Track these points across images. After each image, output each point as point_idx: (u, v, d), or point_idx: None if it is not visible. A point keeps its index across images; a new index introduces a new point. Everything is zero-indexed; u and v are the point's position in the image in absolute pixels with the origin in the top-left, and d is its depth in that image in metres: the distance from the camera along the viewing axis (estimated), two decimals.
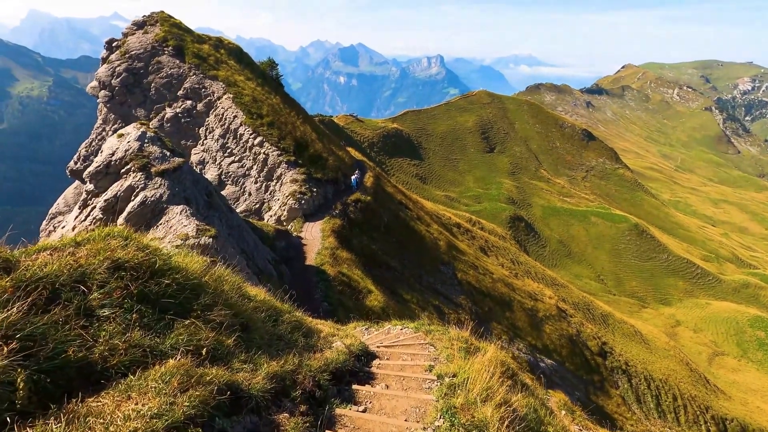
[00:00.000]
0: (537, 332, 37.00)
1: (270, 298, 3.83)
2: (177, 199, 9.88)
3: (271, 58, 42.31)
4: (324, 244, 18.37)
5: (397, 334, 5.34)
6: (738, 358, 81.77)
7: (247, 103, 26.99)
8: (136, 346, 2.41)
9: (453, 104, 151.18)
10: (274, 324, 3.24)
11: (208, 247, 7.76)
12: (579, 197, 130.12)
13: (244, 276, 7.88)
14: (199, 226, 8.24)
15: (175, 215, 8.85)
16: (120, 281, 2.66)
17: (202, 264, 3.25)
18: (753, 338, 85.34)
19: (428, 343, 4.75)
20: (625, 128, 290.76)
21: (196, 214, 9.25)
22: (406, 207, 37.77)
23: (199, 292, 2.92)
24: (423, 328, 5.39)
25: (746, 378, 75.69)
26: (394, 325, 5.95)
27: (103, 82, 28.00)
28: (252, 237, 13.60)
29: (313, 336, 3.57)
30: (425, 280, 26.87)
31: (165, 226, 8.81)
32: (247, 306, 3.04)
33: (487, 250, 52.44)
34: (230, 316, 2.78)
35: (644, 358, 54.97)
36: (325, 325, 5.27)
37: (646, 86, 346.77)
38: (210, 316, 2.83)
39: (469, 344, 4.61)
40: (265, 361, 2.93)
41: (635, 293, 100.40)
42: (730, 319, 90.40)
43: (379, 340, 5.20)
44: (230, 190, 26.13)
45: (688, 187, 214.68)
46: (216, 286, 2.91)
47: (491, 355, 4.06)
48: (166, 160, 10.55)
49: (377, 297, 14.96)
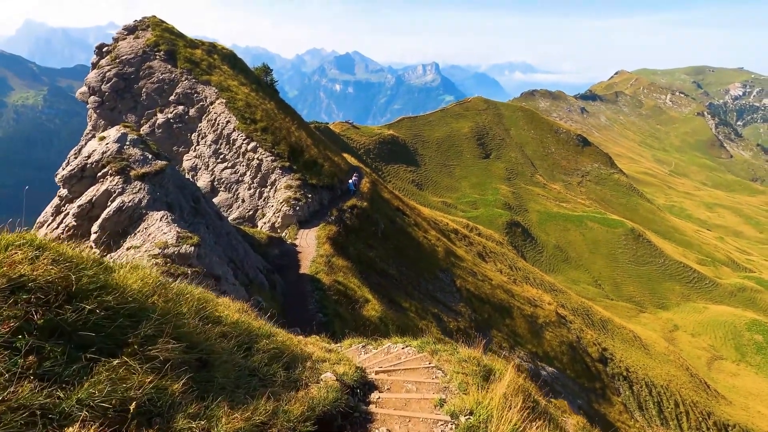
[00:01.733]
0: (537, 339, 36.39)
1: (246, 318, 3.17)
2: (158, 204, 9.28)
3: (265, 64, 41.93)
4: (319, 252, 17.76)
5: (398, 354, 4.72)
6: (737, 362, 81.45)
7: (240, 108, 26.48)
8: (20, 408, 1.65)
9: (449, 111, 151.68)
10: (246, 355, 2.60)
11: (189, 256, 7.17)
12: (575, 202, 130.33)
13: (229, 288, 7.28)
14: (180, 233, 7.64)
15: (155, 222, 8.22)
16: (15, 308, 1.91)
17: (152, 280, 2.54)
18: (751, 342, 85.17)
19: (435, 367, 4.11)
20: (619, 133, 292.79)
21: (179, 220, 8.64)
22: (403, 213, 37.24)
23: (141, 319, 2.21)
24: (428, 347, 4.74)
25: (745, 382, 75.25)
26: (395, 342, 5.31)
27: (93, 88, 27.42)
28: (243, 245, 12.96)
29: (297, 366, 2.94)
30: (424, 288, 26.26)
31: (143, 234, 8.21)
32: (209, 334, 2.35)
33: (485, 256, 51.92)
34: (181, 350, 2.10)
35: (645, 364, 54.40)
36: (316, 345, 4.64)
37: (639, 92, 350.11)
38: (152, 352, 2.12)
39: (482, 366, 4.01)
40: (226, 412, 2.22)
41: (633, 298, 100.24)
42: (728, 323, 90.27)
43: (378, 362, 4.58)
44: (223, 197, 25.52)
45: (682, 192, 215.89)
46: (167, 308, 2.22)
47: (509, 380, 3.49)
48: (148, 163, 9.92)
49: (375, 306, 14.33)
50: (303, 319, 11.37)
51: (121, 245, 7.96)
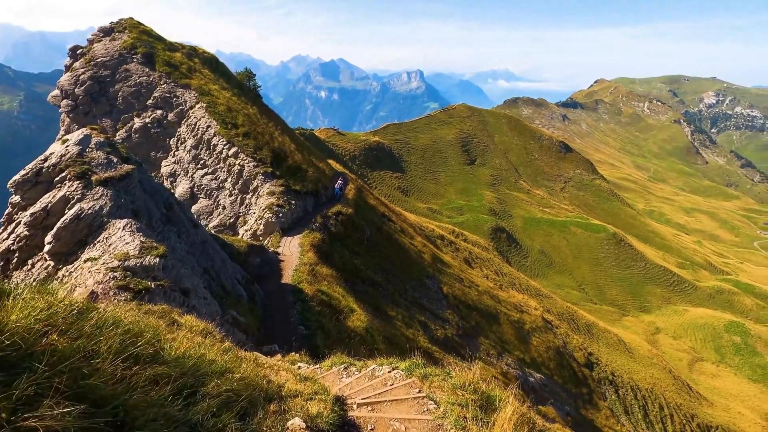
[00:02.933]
0: (524, 345, 36.20)
1: (198, 350, 2.59)
2: (122, 212, 8.52)
3: (248, 69, 41.22)
4: (302, 260, 17.11)
5: (384, 379, 4.20)
6: (716, 363, 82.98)
7: (221, 113, 25.74)
8: None
9: (434, 117, 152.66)
10: (188, 403, 2.09)
11: (154, 268, 6.53)
12: (558, 208, 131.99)
13: (198, 303, 6.70)
14: (144, 243, 6.99)
15: (117, 231, 7.52)
16: None
17: (53, 310, 1.83)
18: (729, 343, 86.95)
19: (426, 396, 3.61)
20: (599, 140, 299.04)
21: (146, 229, 7.96)
22: (390, 219, 36.80)
23: (21, 371, 1.52)
24: (417, 371, 4.20)
25: (725, 383, 76.62)
26: (380, 364, 4.79)
27: (66, 91, 26.35)
28: (220, 254, 12.23)
29: (258, 411, 2.38)
30: (410, 295, 25.78)
31: (103, 244, 7.48)
32: (135, 380, 1.78)
33: (472, 261, 51.78)
34: (80, 412, 1.51)
35: (629, 368, 54.79)
36: (290, 371, 4.10)
37: (618, 100, 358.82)
38: (28, 423, 1.43)
39: (480, 393, 3.54)
40: None
41: (615, 301, 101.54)
42: (707, 325, 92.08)
43: (362, 389, 4.06)
44: (203, 204, 24.68)
45: (661, 197, 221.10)
46: (70, 351, 1.62)
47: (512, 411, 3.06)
48: (113, 167, 9.18)
49: (360, 317, 13.76)
50: (284, 332, 10.76)
51: (79, 257, 7.27)
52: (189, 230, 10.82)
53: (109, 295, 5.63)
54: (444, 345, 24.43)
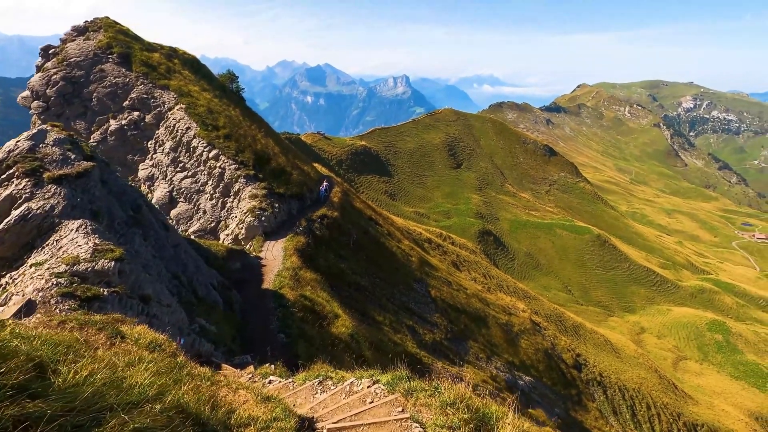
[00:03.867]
0: (513, 348, 35.95)
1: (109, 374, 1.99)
2: (78, 212, 7.78)
3: (230, 71, 40.43)
4: (285, 264, 16.47)
5: (363, 396, 3.65)
6: (700, 361, 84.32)
7: (201, 114, 24.98)
8: None
9: (420, 122, 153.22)
10: None
11: (108, 273, 5.87)
12: (544, 210, 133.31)
13: (160, 311, 6.10)
14: (99, 245, 6.32)
15: (69, 233, 6.83)
16: None
17: None
18: (712, 341, 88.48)
19: (410, 418, 3.04)
20: (583, 144, 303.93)
21: (104, 231, 7.27)
22: (376, 223, 36.30)
23: None
24: (401, 386, 3.64)
25: (709, 381, 77.80)
26: (360, 377, 4.24)
27: (37, 92, 25.28)
28: (194, 259, 11.50)
29: None
30: (398, 299, 25.27)
31: (52, 247, 6.76)
32: None
33: (459, 264, 51.55)
34: None
35: (617, 368, 55.09)
36: (250, 390, 3.51)
37: (600, 104, 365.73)
38: None
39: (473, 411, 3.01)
40: None
41: (601, 302, 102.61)
42: (690, 324, 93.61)
43: (336, 408, 3.50)
44: (183, 208, 23.84)
45: (643, 199, 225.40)
46: None
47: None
48: (69, 163, 8.45)
49: (345, 322, 13.19)
50: (263, 340, 10.15)
51: (26, 262, 6.56)
52: (159, 233, 10.11)
53: (49, 304, 5.00)
54: (433, 349, 23.96)
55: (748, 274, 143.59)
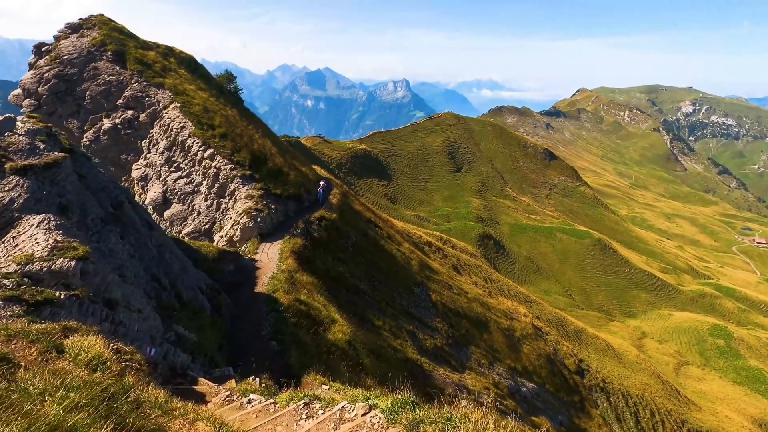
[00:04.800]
0: (515, 353, 35.20)
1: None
2: (43, 206, 7.06)
3: (228, 71, 39.89)
4: (281, 267, 15.79)
5: (356, 426, 2.93)
6: (702, 366, 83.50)
7: (197, 113, 24.38)
8: None
9: (420, 125, 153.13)
10: None
11: (67, 274, 5.18)
12: (544, 214, 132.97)
13: (128, 318, 5.39)
14: (59, 243, 5.64)
15: (29, 228, 6.14)
16: None
17: None
18: (713, 347, 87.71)
19: None
20: (582, 148, 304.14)
21: (73, 227, 6.57)
22: (376, 225, 35.63)
23: None
24: (403, 417, 2.84)
25: (712, 387, 76.97)
26: (353, 400, 3.50)
27: (29, 90, 24.68)
28: (180, 260, 10.80)
29: None
30: (398, 303, 24.57)
31: (8, 245, 6.02)
32: None
33: (460, 268, 50.85)
34: None
35: (619, 374, 54.27)
36: (214, 420, 2.91)
37: (599, 109, 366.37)
38: None
39: None
40: None
41: (602, 307, 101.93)
42: (692, 329, 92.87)
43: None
44: (177, 209, 23.17)
45: (643, 203, 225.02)
46: None
47: None
48: (37, 154, 7.76)
49: (342, 328, 12.49)
50: (253, 348, 9.46)
51: None
52: (141, 232, 9.41)
53: None
54: (433, 355, 23.24)
55: (749, 278, 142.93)
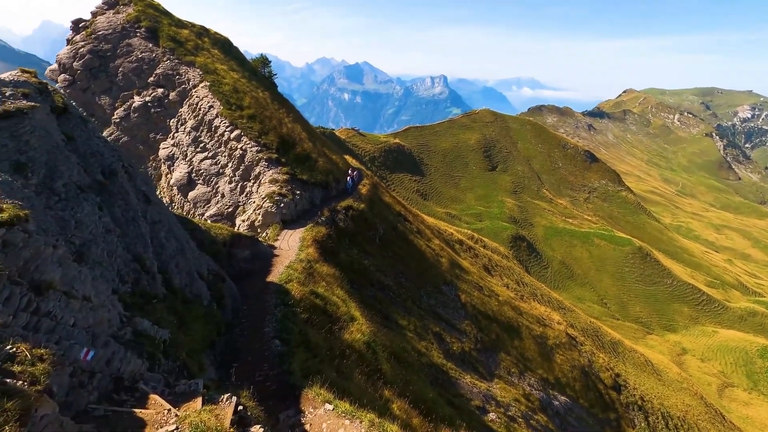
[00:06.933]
0: (548, 363, 32.94)
1: None
2: None
3: (263, 55, 39.31)
4: (299, 256, 14.57)
5: None
6: (748, 390, 77.78)
7: (226, 93, 23.62)
8: None
9: (456, 122, 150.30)
10: None
11: None
12: (581, 218, 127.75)
13: (63, 307, 4.15)
14: None
15: None
16: None
17: None
18: (763, 369, 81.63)
19: None
20: (626, 151, 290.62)
21: (23, 188, 5.43)
22: (406, 219, 34.12)
23: None
24: None
25: (759, 413, 71.35)
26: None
27: (64, 65, 24.66)
28: (179, 240, 9.64)
29: None
30: (425, 303, 23.04)
31: None
32: None
33: (491, 269, 48.62)
34: None
35: (659, 392, 50.62)
36: None
37: (647, 111, 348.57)
38: None
39: None
40: None
41: (639, 318, 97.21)
42: (739, 348, 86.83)
43: None
44: (201, 191, 22.52)
45: (689, 212, 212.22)
46: None
47: None
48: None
49: (361, 327, 11.05)
50: (253, 348, 8.22)
51: None
52: (131, 205, 8.31)
53: None
54: (461, 360, 21.60)
55: None
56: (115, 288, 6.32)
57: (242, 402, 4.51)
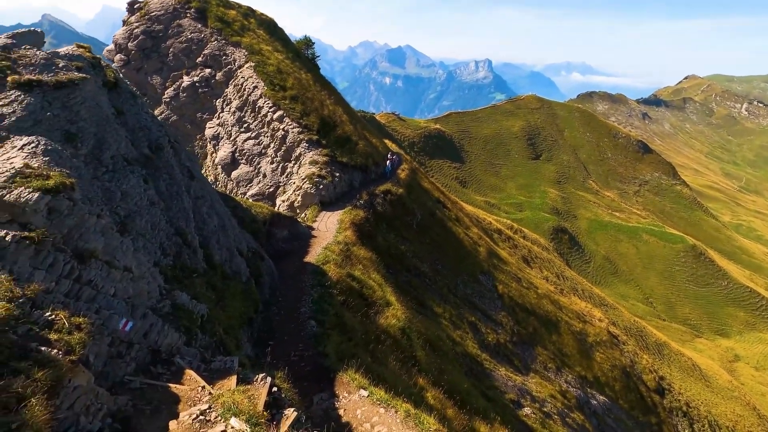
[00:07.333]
0: (587, 361, 31.76)
1: None
2: (43, 129, 5.97)
3: (307, 36, 39.29)
4: (337, 238, 14.56)
5: None
6: None
7: (270, 73, 23.81)
8: None
9: (499, 108, 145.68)
10: None
11: (25, 209, 3.90)
12: (630, 212, 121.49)
13: (105, 276, 4.16)
14: (29, 169, 4.47)
15: (11, 150, 5.14)
16: None
17: None
18: None
19: None
20: (684, 143, 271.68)
21: (72, 158, 5.48)
22: (444, 206, 33.53)
23: None
24: None
25: None
26: None
27: (120, 45, 25.70)
28: (221, 217, 9.76)
29: None
30: (461, 291, 22.62)
31: None
32: None
33: (531, 261, 47.21)
34: None
35: (707, 399, 47.85)
36: None
37: (710, 99, 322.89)
38: None
39: None
40: None
41: (688, 320, 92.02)
42: None
43: None
44: (244, 170, 23.02)
45: (752, 210, 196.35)
46: None
47: None
48: (51, 71, 6.82)
49: (397, 312, 10.90)
50: (288, 327, 8.25)
51: None
52: (177, 180, 8.47)
53: None
54: (495, 352, 21.13)
55: None
56: (157, 260, 6.46)
57: (276, 383, 4.44)
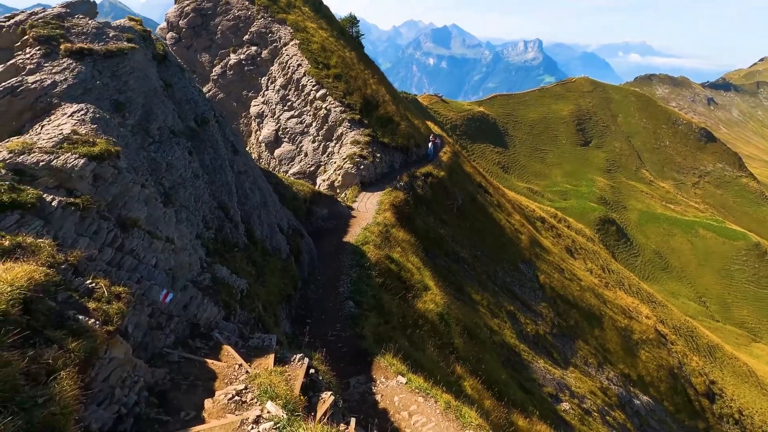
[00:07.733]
0: (631, 358, 30.37)
1: None
2: (92, 97, 5.96)
3: (352, 14, 38.79)
4: (376, 219, 14.40)
5: None
6: None
7: (314, 51, 23.69)
8: None
9: (548, 90, 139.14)
10: None
11: (71, 175, 3.90)
12: (686, 205, 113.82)
13: (147, 246, 4.11)
14: (74, 136, 4.50)
15: (61, 117, 5.18)
16: None
17: None
18: None
19: None
20: (754, 131, 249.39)
21: (118, 127, 5.50)
22: (486, 191, 32.59)
23: None
24: None
25: None
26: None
27: (171, 23, 26.38)
28: (263, 192, 9.74)
29: None
30: (501, 279, 22.02)
31: (34, 133, 5.23)
32: None
33: (574, 252, 45.36)
34: None
35: (762, 408, 44.74)
36: None
37: None
38: None
39: None
40: None
41: (745, 323, 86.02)
42: None
43: None
44: (286, 149, 23.25)
45: None
46: None
47: None
48: (102, 40, 6.85)
49: (435, 297, 10.67)
50: (326, 307, 8.21)
51: None
52: (221, 154, 8.50)
53: None
54: (534, 343, 20.53)
55: None
56: (199, 233, 6.52)
57: (314, 365, 4.34)
